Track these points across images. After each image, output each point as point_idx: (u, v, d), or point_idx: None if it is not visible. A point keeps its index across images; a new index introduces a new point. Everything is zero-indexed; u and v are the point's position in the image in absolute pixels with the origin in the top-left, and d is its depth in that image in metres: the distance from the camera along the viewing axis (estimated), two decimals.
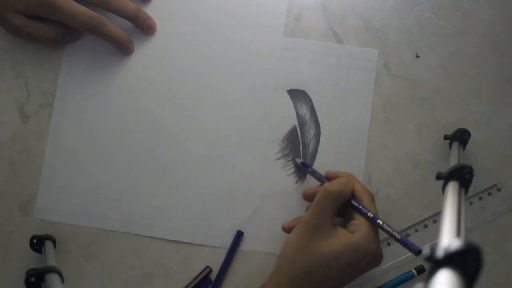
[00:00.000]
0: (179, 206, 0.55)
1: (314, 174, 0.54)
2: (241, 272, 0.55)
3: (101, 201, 0.55)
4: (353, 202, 0.50)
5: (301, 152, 0.56)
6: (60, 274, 0.42)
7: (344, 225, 0.50)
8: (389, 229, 0.48)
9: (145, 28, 0.56)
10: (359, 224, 0.49)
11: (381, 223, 0.48)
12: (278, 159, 0.56)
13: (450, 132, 0.55)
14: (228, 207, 0.56)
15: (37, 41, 0.55)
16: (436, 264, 0.26)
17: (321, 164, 0.56)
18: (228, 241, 0.55)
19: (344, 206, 0.51)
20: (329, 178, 0.53)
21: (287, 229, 0.54)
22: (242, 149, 0.56)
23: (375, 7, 0.58)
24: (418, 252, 0.45)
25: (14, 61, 0.56)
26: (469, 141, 0.55)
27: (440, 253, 0.26)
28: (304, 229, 0.48)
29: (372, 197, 0.51)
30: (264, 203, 0.56)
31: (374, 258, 0.48)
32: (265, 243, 0.55)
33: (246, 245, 0.55)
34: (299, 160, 0.55)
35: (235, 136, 0.56)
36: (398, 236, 0.47)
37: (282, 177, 0.56)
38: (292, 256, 0.48)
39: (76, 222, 0.55)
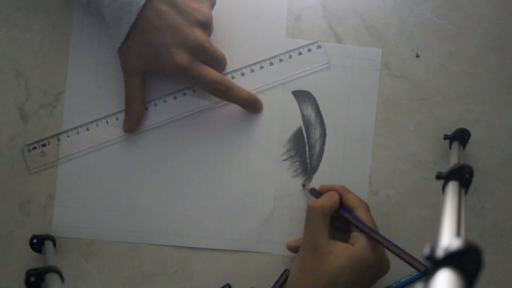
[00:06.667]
0: (194, 213, 0.55)
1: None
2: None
3: (116, 213, 0.55)
4: (344, 212, 0.50)
5: (307, 153, 0.56)
6: (60, 274, 0.42)
7: (346, 238, 0.50)
8: (381, 238, 0.47)
9: (255, 112, 0.56)
10: (358, 235, 0.49)
11: (374, 235, 0.48)
12: (285, 160, 0.56)
13: (450, 132, 0.55)
14: (243, 210, 0.56)
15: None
16: (436, 264, 0.26)
17: (327, 165, 0.56)
18: (240, 243, 0.55)
19: (342, 219, 0.51)
20: (323, 192, 0.53)
21: (292, 248, 0.54)
22: (252, 151, 0.56)
23: (375, 7, 0.58)
24: (423, 272, 0.43)
25: (14, 61, 0.56)
26: (469, 141, 0.55)
27: (440, 253, 0.26)
28: (304, 251, 0.49)
29: (365, 207, 0.51)
30: (277, 205, 0.56)
31: (379, 267, 0.48)
32: (280, 245, 0.55)
33: (262, 247, 0.55)
34: (309, 187, 0.55)
35: (244, 139, 0.56)
36: (396, 249, 0.46)
37: (289, 178, 0.56)
38: (298, 281, 0.48)
39: (94, 237, 0.55)
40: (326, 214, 0.49)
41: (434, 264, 0.26)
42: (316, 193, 0.54)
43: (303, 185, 0.56)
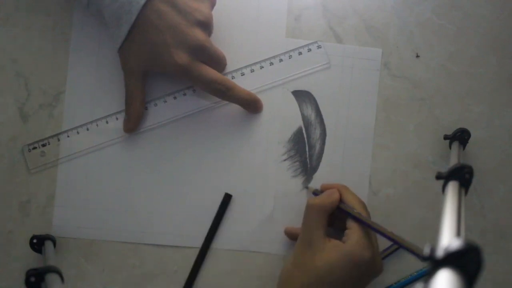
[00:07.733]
0: (194, 212, 0.55)
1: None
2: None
3: (116, 213, 0.55)
4: (342, 207, 0.50)
5: (307, 153, 0.56)
6: (60, 274, 0.42)
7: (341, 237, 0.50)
8: (379, 228, 0.47)
9: (254, 111, 0.56)
10: (350, 232, 0.48)
11: (371, 224, 0.47)
12: (285, 160, 0.56)
13: (450, 132, 0.55)
14: (243, 210, 0.56)
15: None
16: (436, 264, 0.26)
17: (327, 165, 0.56)
18: (240, 243, 0.55)
19: (338, 218, 0.51)
20: (324, 191, 0.53)
21: (289, 233, 0.55)
22: (252, 151, 0.56)
23: (375, 7, 0.58)
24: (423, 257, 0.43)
25: (14, 60, 0.56)
26: (469, 141, 0.55)
27: (440, 253, 0.26)
28: (299, 246, 0.49)
29: (363, 205, 0.51)
30: (277, 205, 0.56)
31: (370, 266, 0.47)
32: (280, 245, 0.55)
33: (262, 247, 0.55)
34: (312, 189, 0.55)
35: (244, 139, 0.56)
36: (395, 239, 0.45)
37: (289, 178, 0.56)
38: (289, 273, 0.48)
39: (94, 237, 0.55)
40: (323, 212, 0.49)
41: (434, 264, 0.26)
42: (319, 192, 0.54)
43: (306, 187, 0.56)
